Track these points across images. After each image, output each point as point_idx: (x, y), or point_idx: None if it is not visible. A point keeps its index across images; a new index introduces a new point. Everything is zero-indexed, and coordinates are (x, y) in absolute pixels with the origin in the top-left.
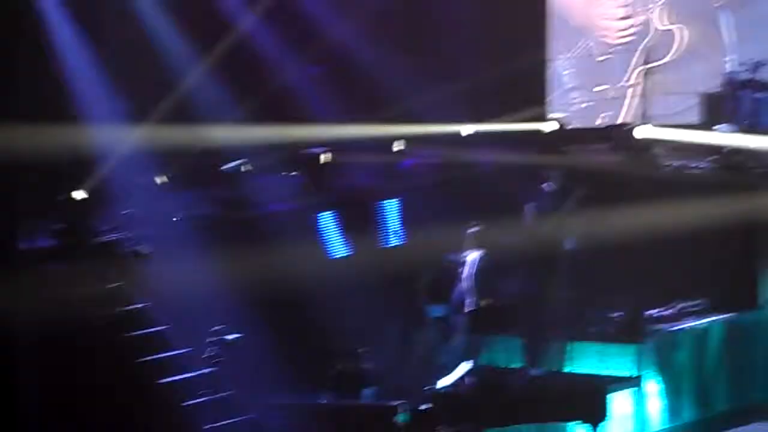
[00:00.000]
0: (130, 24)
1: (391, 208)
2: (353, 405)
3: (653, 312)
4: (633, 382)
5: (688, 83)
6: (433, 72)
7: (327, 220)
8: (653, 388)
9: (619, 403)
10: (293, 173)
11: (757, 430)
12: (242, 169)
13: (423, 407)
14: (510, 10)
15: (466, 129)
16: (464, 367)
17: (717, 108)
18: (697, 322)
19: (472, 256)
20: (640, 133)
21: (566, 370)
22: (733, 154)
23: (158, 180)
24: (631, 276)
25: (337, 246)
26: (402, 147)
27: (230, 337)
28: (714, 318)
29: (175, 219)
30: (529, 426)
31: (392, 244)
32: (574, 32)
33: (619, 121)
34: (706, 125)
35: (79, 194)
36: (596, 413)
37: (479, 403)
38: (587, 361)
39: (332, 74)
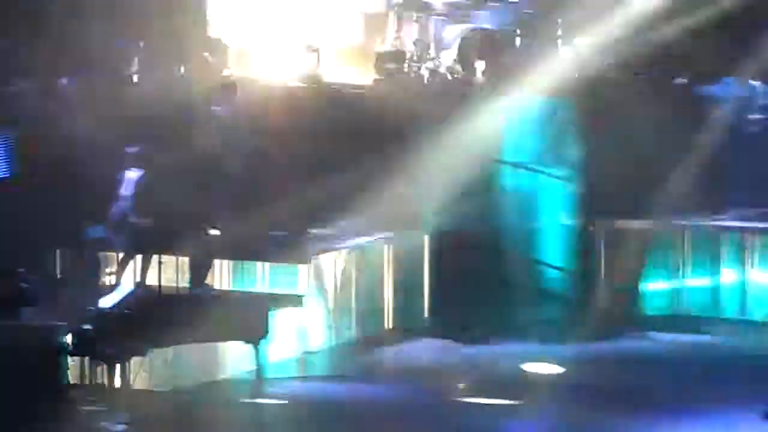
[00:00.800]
0: None
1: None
2: (12, 325)
3: (316, 231)
4: (296, 301)
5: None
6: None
7: None
8: (316, 306)
9: (281, 321)
10: None
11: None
12: None
13: (85, 327)
14: None
15: None
16: (127, 286)
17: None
18: (360, 241)
19: (132, 176)
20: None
21: (231, 289)
22: (397, 72)
23: None
24: (295, 196)
25: None
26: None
27: None
28: (377, 237)
29: None
30: None
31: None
32: None
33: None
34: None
35: None
36: (258, 332)
37: (143, 322)
38: (251, 280)
39: None
